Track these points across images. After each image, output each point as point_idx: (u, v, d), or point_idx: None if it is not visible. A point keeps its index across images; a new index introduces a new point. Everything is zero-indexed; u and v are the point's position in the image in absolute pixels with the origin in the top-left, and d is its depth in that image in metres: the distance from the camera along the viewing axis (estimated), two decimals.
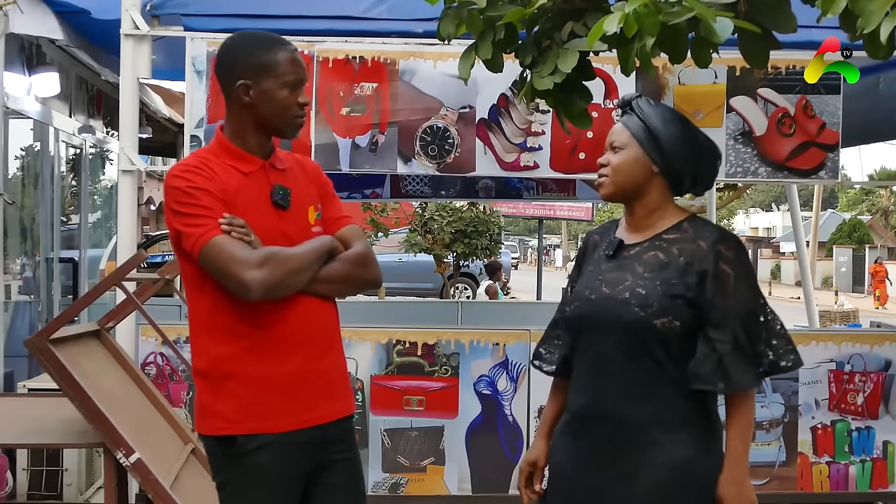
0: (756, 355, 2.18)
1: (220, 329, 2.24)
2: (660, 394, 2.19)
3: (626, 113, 2.33)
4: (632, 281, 2.23)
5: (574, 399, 2.31)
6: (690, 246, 2.22)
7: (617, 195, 2.30)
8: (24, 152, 6.43)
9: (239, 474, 2.25)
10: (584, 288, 2.32)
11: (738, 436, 2.17)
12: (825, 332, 5.17)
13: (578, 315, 2.30)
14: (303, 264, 2.23)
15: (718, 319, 2.16)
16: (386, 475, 4.38)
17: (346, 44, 4.34)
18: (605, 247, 2.34)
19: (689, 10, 1.89)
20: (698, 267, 2.19)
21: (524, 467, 2.43)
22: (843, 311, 19.48)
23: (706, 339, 2.17)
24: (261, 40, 2.31)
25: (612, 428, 2.20)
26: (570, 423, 2.31)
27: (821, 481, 4.52)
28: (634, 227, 2.32)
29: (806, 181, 4.59)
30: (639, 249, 2.29)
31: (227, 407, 2.23)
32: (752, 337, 2.18)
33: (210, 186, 2.21)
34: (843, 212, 47.65)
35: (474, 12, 2.40)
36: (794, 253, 11.75)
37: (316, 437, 2.27)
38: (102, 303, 4.90)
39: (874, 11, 1.75)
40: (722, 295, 2.17)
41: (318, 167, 2.51)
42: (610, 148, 2.30)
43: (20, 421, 3.62)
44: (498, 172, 4.50)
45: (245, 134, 2.30)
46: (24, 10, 4.42)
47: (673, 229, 2.27)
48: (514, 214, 19.78)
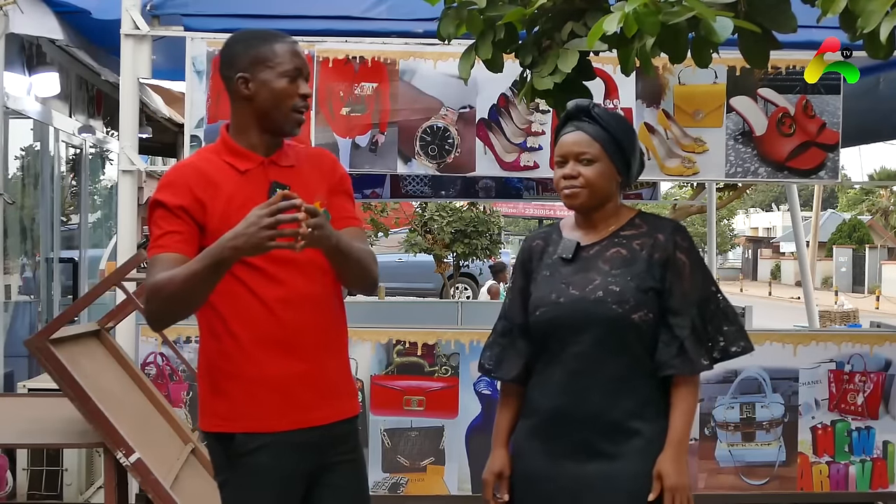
0: (709, 340, 2.30)
1: (217, 327, 2.24)
2: (637, 387, 2.27)
3: (579, 120, 2.32)
4: (601, 280, 2.28)
5: (545, 401, 2.32)
6: (649, 240, 2.31)
7: (590, 206, 2.33)
8: (24, 152, 6.43)
9: (238, 474, 2.24)
10: (547, 293, 2.33)
11: (683, 417, 2.27)
12: (825, 332, 5.18)
13: (547, 319, 2.31)
14: (179, 292, 2.10)
15: (677, 306, 2.27)
16: (386, 475, 4.38)
17: (346, 44, 4.34)
18: (560, 250, 2.36)
19: (689, 10, 1.89)
20: (660, 258, 2.28)
21: (489, 478, 2.43)
22: (843, 311, 19.47)
23: (666, 326, 2.27)
24: (259, 34, 2.30)
25: (591, 424, 2.26)
26: (541, 426, 2.33)
27: (821, 481, 4.52)
28: (589, 228, 2.37)
29: (806, 181, 4.59)
30: (598, 248, 2.34)
31: (223, 405, 2.23)
32: (706, 323, 2.29)
33: (178, 202, 2.19)
34: (843, 212, 47.63)
35: (474, 12, 2.40)
36: (794, 253, 11.77)
37: (316, 437, 2.26)
38: (102, 303, 4.90)
39: (874, 11, 1.75)
40: (680, 282, 2.28)
41: (335, 161, 2.44)
42: (576, 159, 2.29)
43: (20, 421, 3.62)
44: (498, 172, 4.51)
45: (247, 130, 2.27)
46: (24, 10, 4.41)
47: (628, 226, 2.35)
48: (514, 214, 19.81)
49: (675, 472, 2.22)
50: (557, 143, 2.35)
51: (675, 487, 2.20)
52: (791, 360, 4.45)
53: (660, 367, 2.27)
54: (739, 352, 2.32)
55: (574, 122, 2.33)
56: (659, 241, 2.30)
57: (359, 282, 2.35)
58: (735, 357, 2.34)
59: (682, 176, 4.53)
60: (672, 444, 2.24)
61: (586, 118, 2.31)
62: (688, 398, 2.28)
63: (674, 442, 2.25)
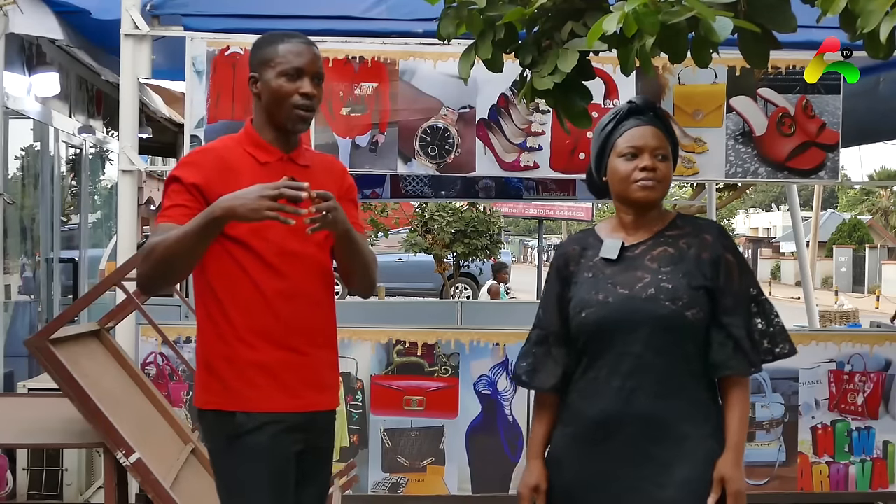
0: (759, 341, 2.27)
1: (214, 312, 2.31)
2: (687, 388, 2.23)
3: (645, 115, 2.31)
4: (651, 278, 2.24)
5: (589, 406, 2.26)
6: (696, 239, 2.28)
7: (656, 202, 2.32)
8: (24, 152, 6.43)
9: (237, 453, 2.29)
10: (592, 294, 2.27)
11: (741, 420, 2.25)
12: (825, 332, 5.18)
13: (594, 320, 2.25)
14: (169, 251, 2.15)
15: (731, 306, 2.24)
16: (386, 475, 4.38)
17: (346, 44, 4.34)
18: (603, 251, 2.32)
19: (689, 10, 1.89)
20: (709, 257, 2.25)
21: (525, 493, 2.35)
22: (843, 311, 19.47)
23: (720, 325, 2.23)
24: (273, 36, 2.40)
25: (642, 427, 2.21)
26: (584, 433, 2.27)
27: (821, 481, 4.52)
28: (635, 229, 2.33)
29: (806, 181, 4.59)
30: (644, 248, 2.30)
31: (217, 384, 2.30)
32: (755, 323, 2.27)
33: (193, 179, 2.27)
34: (843, 212, 47.64)
35: (474, 12, 2.40)
36: (794, 253, 11.76)
37: (304, 422, 2.33)
38: (102, 303, 4.90)
39: (874, 11, 1.75)
40: (731, 282, 2.25)
41: (344, 171, 2.56)
42: (652, 153, 2.26)
43: (20, 421, 3.63)
44: (498, 172, 4.50)
45: (263, 126, 2.39)
46: (24, 10, 4.41)
47: (671, 227, 2.32)
48: (514, 214, 19.80)
49: (738, 477, 2.20)
50: (622, 134, 2.29)
51: (738, 492, 2.19)
52: (791, 360, 4.39)
53: (716, 368, 2.24)
54: (786, 353, 2.30)
55: (640, 116, 2.30)
56: (707, 241, 2.27)
57: (362, 279, 2.43)
58: (781, 358, 2.31)
59: (682, 176, 4.53)
60: (732, 448, 2.22)
61: (654, 115, 2.31)
62: (744, 400, 2.26)
63: (733, 446, 2.23)
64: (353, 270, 2.39)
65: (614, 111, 2.36)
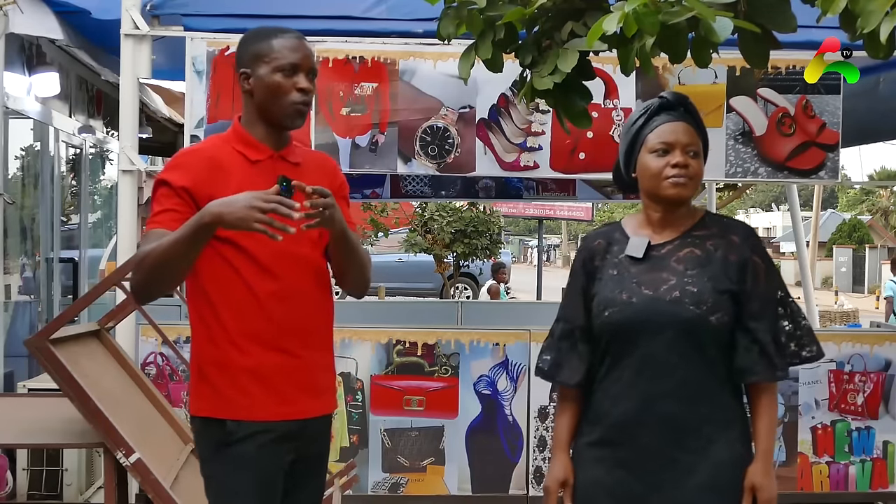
0: (786, 345, 2.24)
1: (206, 315, 2.27)
2: (710, 392, 2.20)
3: (675, 111, 2.27)
4: (676, 280, 2.20)
5: (612, 407, 2.23)
6: (723, 241, 2.25)
7: (687, 199, 2.28)
8: (24, 152, 6.43)
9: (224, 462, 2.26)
10: (617, 292, 2.24)
11: (770, 427, 2.23)
12: (825, 332, 5.17)
13: (618, 320, 2.22)
14: (161, 259, 2.12)
15: (757, 310, 2.20)
16: (386, 475, 4.38)
17: (346, 44, 4.34)
18: (629, 249, 2.28)
19: (689, 10, 1.89)
20: (736, 260, 2.22)
21: (554, 486, 2.31)
22: (843, 311, 19.49)
23: (745, 330, 2.20)
24: (264, 31, 2.35)
25: (663, 430, 2.18)
26: (607, 433, 2.24)
27: (821, 481, 4.52)
28: (662, 227, 2.29)
29: (806, 181, 4.59)
30: (671, 248, 2.26)
31: (208, 390, 2.27)
32: (782, 326, 2.24)
33: (182, 182, 2.23)
34: (843, 212, 47.63)
35: (474, 12, 2.39)
36: (794, 253, 11.75)
37: (297, 430, 2.30)
38: (102, 303, 4.90)
39: (874, 11, 1.75)
40: (757, 286, 2.21)
41: (336, 167, 2.52)
42: (684, 150, 2.23)
43: (20, 421, 3.63)
44: (498, 172, 4.50)
45: (254, 124, 2.33)
46: (24, 10, 4.41)
47: (699, 226, 2.29)
48: (514, 214, 19.81)
49: (769, 486, 2.18)
50: (653, 130, 2.25)
51: (770, 500, 2.17)
52: None
53: (742, 373, 2.21)
54: (813, 356, 2.26)
55: (671, 112, 2.27)
56: (734, 243, 2.24)
57: (356, 279, 2.40)
58: (808, 362, 2.28)
59: None
60: (762, 456, 2.21)
61: (684, 110, 2.27)
62: (772, 405, 2.25)
63: (763, 453, 2.21)
64: (347, 270, 2.36)
65: (645, 106, 2.31)
